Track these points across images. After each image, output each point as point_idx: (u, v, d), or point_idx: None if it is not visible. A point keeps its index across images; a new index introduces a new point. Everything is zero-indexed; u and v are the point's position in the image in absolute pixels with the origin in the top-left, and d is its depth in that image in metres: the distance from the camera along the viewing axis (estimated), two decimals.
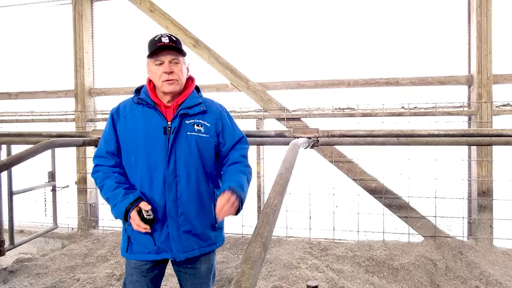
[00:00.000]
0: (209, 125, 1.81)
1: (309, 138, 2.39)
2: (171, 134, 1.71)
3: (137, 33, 4.43)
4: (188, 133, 1.74)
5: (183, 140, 1.73)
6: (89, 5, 4.49)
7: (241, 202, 1.65)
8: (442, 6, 3.73)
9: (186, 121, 1.75)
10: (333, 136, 2.48)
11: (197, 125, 1.77)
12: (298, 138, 2.37)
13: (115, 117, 1.80)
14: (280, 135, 2.72)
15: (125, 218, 1.63)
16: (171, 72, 1.70)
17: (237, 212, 1.66)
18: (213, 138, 1.82)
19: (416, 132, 2.40)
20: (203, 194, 1.79)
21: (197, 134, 1.76)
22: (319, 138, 2.47)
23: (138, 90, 1.86)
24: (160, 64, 1.72)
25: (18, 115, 4.72)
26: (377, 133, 2.44)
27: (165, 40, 1.70)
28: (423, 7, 3.77)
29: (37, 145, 2.06)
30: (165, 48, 1.69)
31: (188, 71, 1.85)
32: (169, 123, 1.74)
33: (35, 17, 4.81)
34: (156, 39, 1.72)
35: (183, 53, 1.76)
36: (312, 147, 2.47)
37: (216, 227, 1.86)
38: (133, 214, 1.60)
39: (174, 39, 1.74)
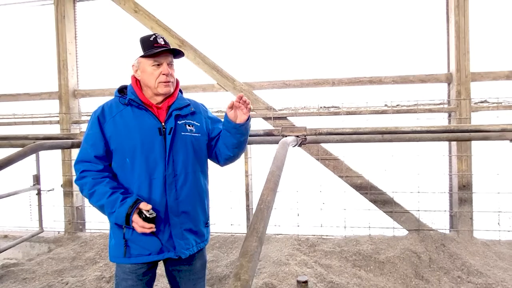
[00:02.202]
0: (199, 124, 1.86)
1: (297, 136, 2.45)
2: (168, 134, 1.73)
3: (121, 33, 4.39)
4: (182, 133, 1.77)
5: (179, 140, 1.76)
6: (71, 5, 4.43)
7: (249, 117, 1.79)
8: (421, 7, 3.84)
9: (178, 122, 1.78)
10: (320, 134, 2.54)
11: (189, 125, 1.81)
12: (286, 136, 2.42)
13: (101, 119, 1.74)
14: (269, 134, 2.77)
15: (127, 223, 1.60)
16: (169, 74, 1.74)
17: (247, 120, 1.77)
18: (204, 136, 1.87)
19: (400, 129, 2.49)
20: (199, 191, 1.83)
21: (190, 134, 1.80)
22: (306, 136, 2.53)
23: (121, 90, 1.83)
24: (158, 65, 1.73)
25: (0, 118, 4.62)
26: (363, 131, 2.52)
27: (161, 41, 1.73)
28: (403, 7, 3.88)
29: (26, 147, 2.03)
30: (164, 50, 1.71)
31: None
32: (163, 124, 1.75)
33: (16, 18, 4.72)
34: (151, 39, 1.73)
35: (176, 56, 1.81)
36: (300, 145, 2.52)
37: (208, 224, 1.92)
38: (135, 217, 1.58)
39: (166, 40, 1.78)
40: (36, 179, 3.68)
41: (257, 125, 4.03)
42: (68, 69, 4.38)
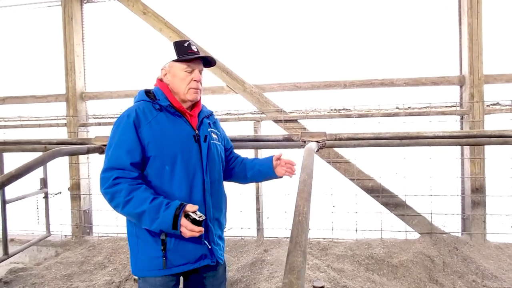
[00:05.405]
0: (219, 133, 1.92)
1: (318, 141, 2.41)
2: (204, 142, 1.74)
3: (129, 35, 4.34)
4: (211, 141, 1.81)
5: (212, 148, 1.79)
6: (79, 7, 4.38)
7: None
8: (433, 9, 3.82)
9: (208, 129, 1.82)
10: (340, 139, 2.51)
11: (214, 134, 1.85)
12: (306, 142, 2.39)
13: (136, 123, 1.64)
14: (288, 139, 2.74)
15: (174, 227, 1.48)
16: (200, 81, 1.76)
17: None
18: (223, 146, 1.94)
19: (422, 134, 2.46)
20: (224, 198, 1.90)
21: (216, 142, 1.84)
22: (326, 141, 2.50)
23: (148, 94, 1.76)
24: (191, 71, 1.73)
25: (5, 121, 4.56)
26: (384, 136, 2.47)
27: (194, 48, 1.75)
28: (416, 9, 3.85)
29: (44, 154, 1.99)
30: (198, 57, 1.74)
31: None
32: (196, 131, 1.76)
33: (22, 19, 4.65)
34: (186, 45, 1.74)
35: (206, 66, 1.84)
36: (318, 150, 2.49)
37: (226, 230, 1.97)
38: (184, 221, 1.48)
39: (198, 48, 1.80)
40: (44, 182, 3.63)
41: (268, 127, 4.00)
42: (76, 71, 4.32)
